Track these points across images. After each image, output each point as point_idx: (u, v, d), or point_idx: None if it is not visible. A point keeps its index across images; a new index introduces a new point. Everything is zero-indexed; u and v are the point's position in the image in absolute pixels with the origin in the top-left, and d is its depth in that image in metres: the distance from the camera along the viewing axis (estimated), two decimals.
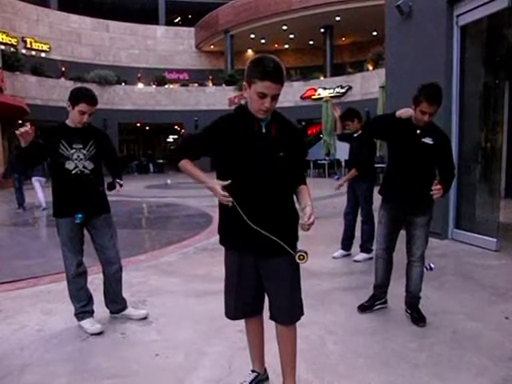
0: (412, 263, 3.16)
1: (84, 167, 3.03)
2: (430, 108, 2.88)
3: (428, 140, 2.94)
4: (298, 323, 2.12)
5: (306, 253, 1.92)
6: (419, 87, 2.93)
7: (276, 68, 1.85)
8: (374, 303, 3.35)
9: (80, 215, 3.01)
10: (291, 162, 1.98)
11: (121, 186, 3.37)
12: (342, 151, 10.92)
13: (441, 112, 5.39)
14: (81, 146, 3.03)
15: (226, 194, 1.87)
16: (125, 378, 2.45)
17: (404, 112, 3.05)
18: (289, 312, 2.07)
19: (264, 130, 1.96)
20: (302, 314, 2.12)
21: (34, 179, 10.27)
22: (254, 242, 1.98)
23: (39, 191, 10.16)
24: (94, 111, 3.04)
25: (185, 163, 2.03)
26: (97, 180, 3.12)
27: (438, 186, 2.75)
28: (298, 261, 1.92)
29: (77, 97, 2.97)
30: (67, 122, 3.07)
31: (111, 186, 3.35)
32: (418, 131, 2.98)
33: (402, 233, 3.23)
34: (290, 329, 2.11)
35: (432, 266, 3.48)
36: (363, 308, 3.32)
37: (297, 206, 2.09)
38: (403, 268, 3.25)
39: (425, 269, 3.18)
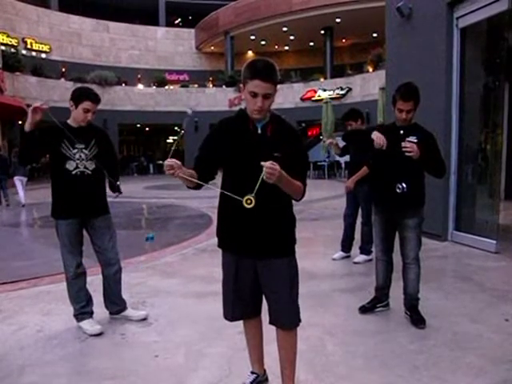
0: (407, 265, 3.17)
1: (85, 167, 3.02)
2: (404, 105, 2.96)
3: (412, 138, 2.99)
4: None
5: (253, 197, 1.80)
6: (396, 88, 3.03)
7: (266, 67, 1.90)
8: (375, 305, 3.35)
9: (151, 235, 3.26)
10: (287, 163, 1.93)
11: (120, 192, 3.37)
12: None
13: (441, 113, 5.50)
14: (83, 146, 3.02)
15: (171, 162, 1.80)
16: (124, 379, 2.45)
17: (377, 137, 3.01)
18: (289, 316, 2.06)
19: (260, 131, 1.99)
20: (300, 320, 2.09)
21: (15, 178, 11.07)
22: (253, 244, 2.00)
23: (20, 190, 10.98)
24: (96, 110, 3.05)
25: None
26: (98, 181, 3.11)
27: (415, 146, 2.84)
28: (245, 205, 1.80)
29: (80, 95, 2.98)
30: (69, 121, 3.06)
31: (113, 188, 3.33)
32: (402, 131, 3.05)
33: None
34: (291, 334, 2.10)
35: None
36: (364, 309, 3.32)
37: (294, 209, 2.09)
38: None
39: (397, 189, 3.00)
